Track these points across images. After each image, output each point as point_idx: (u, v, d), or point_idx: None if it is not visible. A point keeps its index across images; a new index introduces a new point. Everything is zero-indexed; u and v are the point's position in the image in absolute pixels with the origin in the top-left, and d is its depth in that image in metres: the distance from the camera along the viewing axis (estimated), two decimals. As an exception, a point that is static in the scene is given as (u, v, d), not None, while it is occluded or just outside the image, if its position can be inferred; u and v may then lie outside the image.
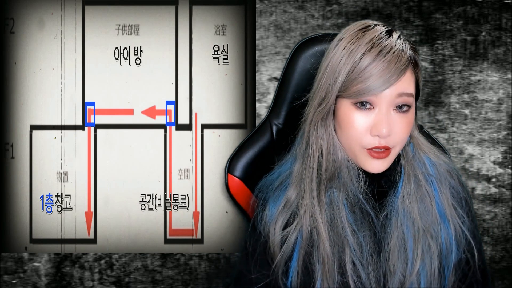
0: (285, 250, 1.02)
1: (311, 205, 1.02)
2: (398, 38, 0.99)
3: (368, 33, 0.99)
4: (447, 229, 1.03)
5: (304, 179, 1.04)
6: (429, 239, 1.01)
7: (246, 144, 1.38)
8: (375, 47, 0.97)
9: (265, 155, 1.35)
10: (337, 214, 1.01)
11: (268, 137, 1.38)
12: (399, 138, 0.98)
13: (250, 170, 1.35)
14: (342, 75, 0.97)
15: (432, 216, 1.02)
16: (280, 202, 1.05)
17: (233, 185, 1.36)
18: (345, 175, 1.02)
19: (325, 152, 1.03)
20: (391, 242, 1.01)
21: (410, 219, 1.01)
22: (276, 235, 1.03)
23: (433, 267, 1.01)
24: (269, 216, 1.05)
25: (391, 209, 1.01)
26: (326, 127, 1.03)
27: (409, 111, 0.98)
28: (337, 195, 1.02)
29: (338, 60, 0.99)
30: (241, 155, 1.37)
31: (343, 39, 1.00)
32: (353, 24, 1.03)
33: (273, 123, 1.38)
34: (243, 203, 1.38)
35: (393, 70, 0.95)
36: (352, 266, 1.00)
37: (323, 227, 1.01)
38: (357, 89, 0.96)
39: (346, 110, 0.99)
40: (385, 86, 0.95)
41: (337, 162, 1.03)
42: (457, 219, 1.04)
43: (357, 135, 0.98)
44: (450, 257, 1.03)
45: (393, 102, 0.96)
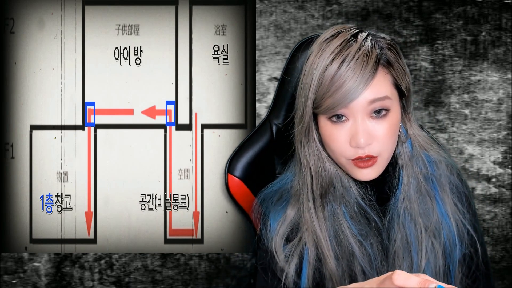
0: (291, 266, 1.01)
1: (311, 222, 1.01)
2: (364, 40, 0.94)
3: (332, 43, 0.95)
4: (449, 227, 1.02)
5: (302, 197, 1.03)
6: (432, 238, 1.01)
7: (246, 144, 1.38)
8: (337, 58, 0.92)
9: (265, 155, 1.35)
10: (340, 227, 1.00)
11: (268, 137, 1.37)
12: (382, 145, 0.95)
13: (250, 170, 1.35)
14: (311, 92, 0.95)
15: (433, 215, 1.02)
16: (280, 218, 1.04)
17: (233, 185, 1.36)
18: (339, 187, 1.01)
19: (314, 168, 1.01)
20: (395, 244, 1.01)
21: (412, 220, 1.01)
22: (279, 251, 1.02)
23: (438, 266, 1.01)
24: (272, 231, 1.04)
25: (393, 211, 1.01)
26: (310, 143, 1.01)
27: (389, 114, 0.95)
28: (336, 208, 1.01)
29: (307, 76, 0.96)
30: (241, 155, 1.37)
31: (311, 53, 0.97)
32: (323, 33, 0.99)
33: (273, 123, 1.38)
34: (243, 203, 1.38)
35: (359, 78, 0.91)
36: (362, 276, 0.99)
37: (325, 244, 1.00)
38: (326, 104, 0.93)
39: (324, 125, 0.97)
40: (353, 96, 0.91)
41: (328, 176, 1.01)
42: (458, 215, 1.03)
43: (339, 149, 0.96)
44: (454, 253, 1.03)
45: (367, 109, 0.93)
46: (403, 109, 1.01)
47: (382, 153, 0.96)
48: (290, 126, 1.05)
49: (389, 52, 0.96)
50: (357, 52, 0.92)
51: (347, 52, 0.92)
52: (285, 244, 1.03)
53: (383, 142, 0.95)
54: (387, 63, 0.95)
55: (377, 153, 0.95)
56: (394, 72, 0.96)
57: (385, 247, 1.00)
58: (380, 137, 0.94)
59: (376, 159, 0.95)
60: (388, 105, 0.94)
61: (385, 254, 1.01)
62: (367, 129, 0.94)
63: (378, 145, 0.95)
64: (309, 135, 1.00)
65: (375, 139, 0.94)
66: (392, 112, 0.95)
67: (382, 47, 0.96)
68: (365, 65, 0.92)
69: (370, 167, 0.96)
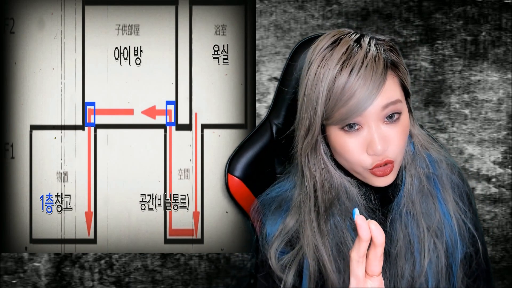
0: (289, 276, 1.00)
1: (312, 236, 0.99)
2: (368, 45, 0.92)
3: (336, 50, 0.92)
4: (451, 226, 1.02)
5: (303, 210, 1.00)
6: (435, 238, 1.00)
7: (246, 144, 1.38)
8: (345, 67, 0.90)
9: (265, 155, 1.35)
10: (343, 241, 0.99)
11: (268, 137, 1.37)
12: (397, 149, 0.94)
13: (250, 170, 1.35)
14: (320, 104, 0.92)
15: (435, 215, 1.01)
16: (277, 227, 1.03)
17: (233, 185, 1.36)
18: (345, 200, 0.99)
19: (319, 181, 0.98)
20: (397, 245, 1.00)
21: (414, 220, 1.00)
22: (273, 262, 1.01)
23: (440, 265, 1.00)
24: (267, 240, 1.03)
25: (395, 212, 1.00)
26: (317, 156, 0.98)
27: (401, 117, 0.94)
28: (340, 221, 0.99)
29: (313, 88, 0.93)
30: (241, 155, 1.37)
31: (313, 63, 0.94)
32: (320, 39, 0.96)
33: (273, 123, 1.38)
34: (243, 203, 1.38)
35: (370, 85, 0.89)
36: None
37: (327, 258, 0.98)
38: (339, 114, 0.91)
39: (336, 136, 0.94)
40: (367, 104, 0.89)
41: (334, 189, 0.99)
42: (460, 214, 1.03)
43: (355, 158, 0.94)
44: (456, 253, 1.02)
45: (380, 115, 0.91)
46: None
47: (397, 157, 0.95)
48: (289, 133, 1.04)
49: (392, 54, 0.95)
50: (364, 59, 0.90)
51: (354, 60, 0.90)
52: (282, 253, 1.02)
53: (398, 146, 0.94)
54: (393, 65, 0.94)
55: (394, 157, 0.94)
56: (401, 74, 0.95)
57: (387, 248, 1.00)
58: (395, 141, 0.93)
59: (393, 164, 0.94)
60: (400, 108, 0.93)
61: (388, 255, 1.01)
62: (383, 135, 0.92)
63: (394, 149, 0.93)
64: (316, 148, 0.98)
65: (391, 144, 0.93)
66: (403, 114, 0.94)
67: (385, 49, 0.95)
68: (375, 71, 0.90)
69: (388, 174, 0.94)
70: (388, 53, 0.95)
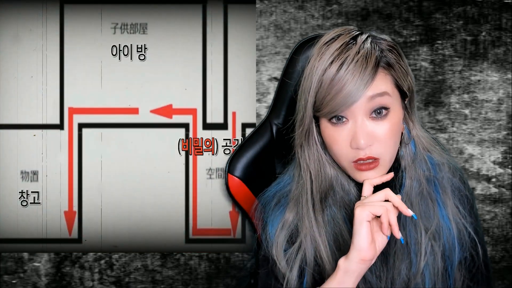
0: (293, 271, 1.01)
1: (310, 227, 1.00)
2: (363, 43, 0.94)
3: (332, 46, 0.95)
4: (450, 229, 1.02)
5: (301, 201, 1.02)
6: (432, 240, 1.01)
7: (246, 144, 1.38)
8: (336, 61, 0.92)
9: (265, 155, 1.36)
10: (340, 232, 1.00)
11: (268, 137, 1.38)
12: (382, 146, 0.94)
13: (250, 170, 1.35)
14: (311, 95, 0.95)
15: (434, 217, 1.01)
16: (278, 223, 1.04)
17: (233, 185, 1.36)
18: (340, 190, 1.01)
19: (314, 172, 1.01)
20: (395, 246, 1.01)
21: (412, 222, 1.01)
22: (279, 257, 1.02)
23: (436, 268, 1.01)
24: (270, 237, 1.04)
25: None
26: (311, 147, 1.01)
27: (389, 114, 0.94)
28: (336, 212, 1.01)
29: (307, 79, 0.96)
30: (241, 155, 1.37)
31: (312, 57, 0.97)
32: (324, 36, 0.99)
33: (273, 123, 1.38)
34: (243, 203, 1.38)
35: (358, 81, 0.91)
36: (362, 280, 0.99)
37: (324, 249, 1.00)
38: (327, 106, 0.93)
39: (325, 128, 0.97)
40: (354, 98, 0.91)
41: (328, 180, 1.01)
42: (459, 218, 1.03)
43: (340, 151, 0.96)
44: (453, 256, 1.03)
45: (366, 109, 0.93)
46: (406, 110, 1.01)
47: (383, 155, 0.95)
48: (290, 130, 1.05)
49: (389, 54, 0.96)
50: (356, 55, 0.92)
51: (346, 55, 0.92)
52: (286, 248, 1.03)
53: (384, 143, 0.94)
54: (387, 64, 0.95)
55: (378, 154, 0.95)
56: (395, 73, 0.96)
57: (384, 249, 1.00)
58: (381, 138, 0.94)
59: (378, 161, 0.95)
60: (388, 103, 0.94)
61: (385, 256, 1.01)
62: (367, 130, 0.93)
63: (379, 146, 0.94)
64: (309, 138, 1.00)
65: (376, 140, 0.94)
66: (392, 112, 0.95)
67: (383, 49, 0.95)
68: (364, 68, 0.91)
69: (372, 169, 0.95)
70: (386, 53, 0.96)
